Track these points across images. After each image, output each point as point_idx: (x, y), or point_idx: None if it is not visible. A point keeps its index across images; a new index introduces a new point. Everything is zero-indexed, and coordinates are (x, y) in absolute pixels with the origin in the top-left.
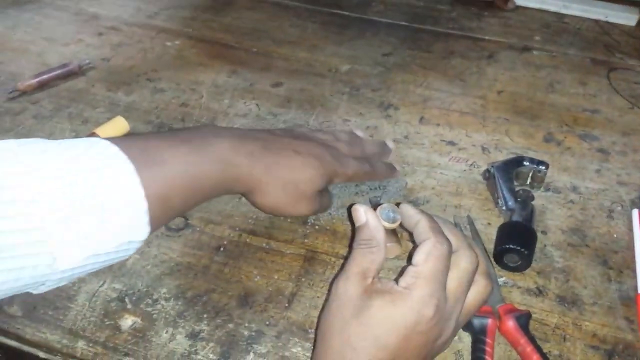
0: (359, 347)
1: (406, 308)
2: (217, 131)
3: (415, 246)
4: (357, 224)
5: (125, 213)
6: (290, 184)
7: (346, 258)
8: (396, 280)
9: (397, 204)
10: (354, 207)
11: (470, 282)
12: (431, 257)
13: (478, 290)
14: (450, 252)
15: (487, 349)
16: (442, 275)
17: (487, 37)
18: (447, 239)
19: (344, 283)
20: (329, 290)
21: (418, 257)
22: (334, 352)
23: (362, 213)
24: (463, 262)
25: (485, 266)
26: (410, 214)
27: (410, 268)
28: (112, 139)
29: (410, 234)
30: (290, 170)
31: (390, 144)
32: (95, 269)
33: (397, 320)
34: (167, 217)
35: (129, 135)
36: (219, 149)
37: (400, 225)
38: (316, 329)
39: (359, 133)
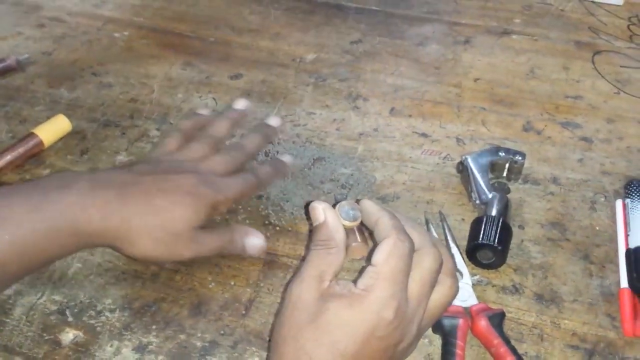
0: (314, 354)
1: (364, 311)
2: (65, 181)
3: (375, 245)
4: (314, 223)
5: None
6: (156, 229)
7: (302, 260)
8: (355, 281)
9: (358, 201)
10: (312, 204)
11: (433, 283)
12: (392, 256)
13: (443, 291)
14: (412, 250)
15: (458, 351)
16: (403, 276)
17: (463, 21)
18: (409, 237)
19: (299, 287)
20: (283, 295)
21: (377, 257)
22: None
23: (321, 211)
24: (426, 261)
25: (451, 265)
26: (370, 210)
27: (369, 268)
28: None
29: (371, 233)
30: (154, 215)
31: (274, 121)
32: None
33: (355, 324)
34: (4, 284)
35: None
36: (64, 204)
37: (362, 223)
38: (270, 338)
39: (241, 105)
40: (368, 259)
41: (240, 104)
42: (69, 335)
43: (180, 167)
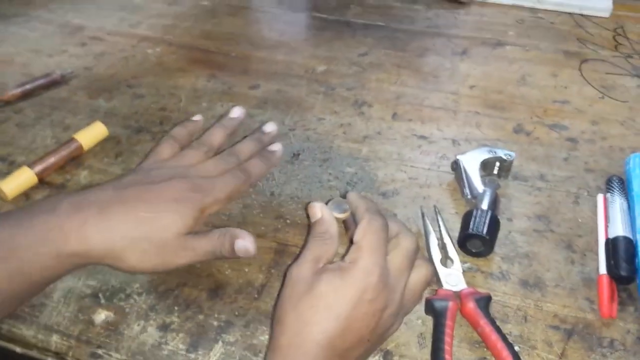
0: (312, 320)
1: (353, 278)
2: (51, 205)
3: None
4: (312, 219)
5: None
6: (142, 241)
7: (302, 248)
8: (342, 259)
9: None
10: (310, 204)
11: (412, 261)
12: (368, 232)
13: (421, 271)
14: (385, 225)
15: (448, 330)
16: (382, 246)
17: (461, 34)
18: (382, 216)
19: (297, 267)
20: (284, 277)
21: (357, 234)
22: (289, 329)
23: (318, 209)
24: (403, 242)
25: (425, 254)
26: (352, 200)
27: (352, 246)
28: None
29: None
30: (137, 227)
31: (270, 127)
32: None
33: (346, 290)
34: None
35: None
36: (45, 228)
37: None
38: (272, 316)
39: (236, 113)
40: (351, 240)
41: (236, 112)
42: (101, 316)
43: (168, 174)
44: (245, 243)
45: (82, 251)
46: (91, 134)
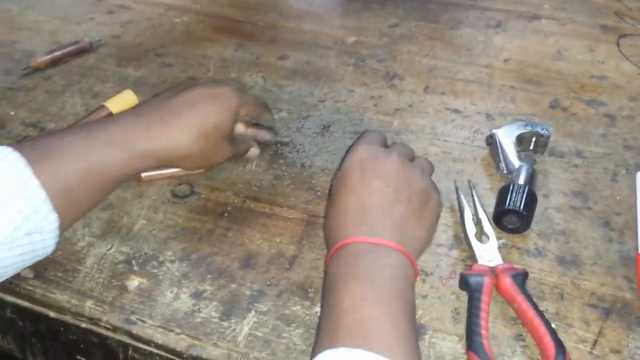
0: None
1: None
2: (114, 117)
3: None
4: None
5: (23, 202)
6: (201, 139)
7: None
8: None
9: None
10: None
11: (431, 173)
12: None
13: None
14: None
15: (483, 306)
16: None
17: (496, 7)
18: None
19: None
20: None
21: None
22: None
23: None
24: (423, 159)
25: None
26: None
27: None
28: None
29: None
30: (196, 127)
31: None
32: (18, 267)
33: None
34: (78, 208)
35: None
36: (113, 133)
37: None
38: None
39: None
40: None
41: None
42: (134, 282)
43: (205, 84)
44: (256, 151)
45: (152, 151)
46: (121, 102)
